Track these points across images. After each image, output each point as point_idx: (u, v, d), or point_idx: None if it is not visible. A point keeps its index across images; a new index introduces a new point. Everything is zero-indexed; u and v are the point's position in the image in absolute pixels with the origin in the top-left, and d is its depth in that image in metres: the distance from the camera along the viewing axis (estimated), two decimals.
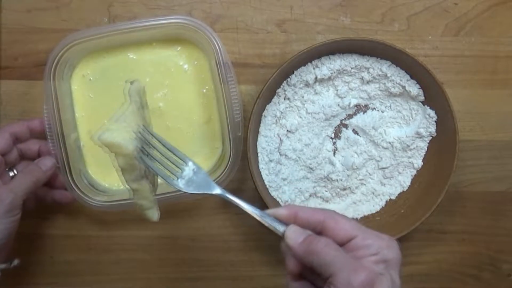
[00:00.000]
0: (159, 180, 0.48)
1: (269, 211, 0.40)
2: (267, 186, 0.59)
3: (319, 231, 0.39)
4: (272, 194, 0.59)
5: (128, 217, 0.62)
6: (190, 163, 0.44)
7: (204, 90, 0.59)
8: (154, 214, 0.47)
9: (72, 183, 0.55)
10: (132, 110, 0.45)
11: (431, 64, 0.60)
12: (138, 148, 0.43)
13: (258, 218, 0.40)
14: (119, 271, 0.62)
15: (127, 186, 0.45)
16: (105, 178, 0.59)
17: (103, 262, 0.62)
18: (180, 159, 0.44)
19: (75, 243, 0.62)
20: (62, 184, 0.56)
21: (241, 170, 0.59)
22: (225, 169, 0.55)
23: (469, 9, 0.62)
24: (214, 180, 0.52)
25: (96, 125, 0.57)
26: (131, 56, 0.58)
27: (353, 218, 0.61)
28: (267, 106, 0.59)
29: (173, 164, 0.44)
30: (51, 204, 0.57)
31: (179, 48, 0.59)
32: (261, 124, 0.59)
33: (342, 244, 0.37)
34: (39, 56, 0.59)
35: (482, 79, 0.63)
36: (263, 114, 0.59)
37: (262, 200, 0.56)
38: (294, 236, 0.38)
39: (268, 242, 0.63)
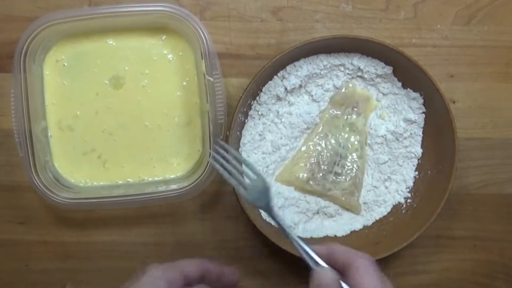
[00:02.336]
0: None
1: (315, 247, 0.43)
2: None
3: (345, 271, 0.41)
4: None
5: (110, 222, 0.60)
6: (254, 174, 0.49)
7: (185, 83, 0.57)
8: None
9: (35, 176, 0.53)
10: None
11: (440, 55, 0.60)
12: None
13: (298, 247, 0.44)
14: (101, 280, 0.60)
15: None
16: (73, 173, 0.57)
17: (83, 271, 0.60)
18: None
19: (53, 250, 0.60)
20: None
21: None
22: (203, 172, 0.53)
23: None
24: (192, 183, 0.54)
25: (67, 115, 0.56)
26: (110, 42, 0.56)
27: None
28: (243, 131, 0.56)
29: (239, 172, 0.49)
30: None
31: (164, 37, 0.57)
32: (242, 153, 0.56)
33: None
34: (13, 47, 0.56)
35: (495, 72, 0.60)
36: (241, 142, 0.56)
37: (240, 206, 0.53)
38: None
39: (259, 249, 0.60)
